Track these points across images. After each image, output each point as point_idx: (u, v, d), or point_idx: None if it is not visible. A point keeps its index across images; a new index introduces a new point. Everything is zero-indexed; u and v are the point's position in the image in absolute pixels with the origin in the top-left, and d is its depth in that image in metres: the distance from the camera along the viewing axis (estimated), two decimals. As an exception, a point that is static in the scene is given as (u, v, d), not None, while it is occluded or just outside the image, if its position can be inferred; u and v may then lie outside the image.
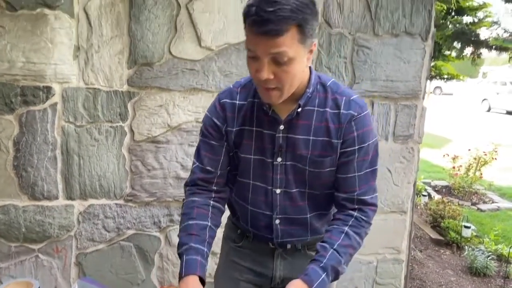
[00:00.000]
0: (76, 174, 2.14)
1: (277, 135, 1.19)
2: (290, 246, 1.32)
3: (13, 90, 2.01)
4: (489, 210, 5.20)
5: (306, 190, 1.25)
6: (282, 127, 1.19)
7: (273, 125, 1.20)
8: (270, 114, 1.18)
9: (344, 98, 1.18)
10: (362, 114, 1.18)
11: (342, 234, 1.18)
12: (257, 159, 1.23)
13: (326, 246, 1.16)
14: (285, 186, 1.24)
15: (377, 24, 2.26)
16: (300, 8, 0.98)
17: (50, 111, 2.06)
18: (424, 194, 5.19)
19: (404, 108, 2.35)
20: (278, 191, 1.25)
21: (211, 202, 1.26)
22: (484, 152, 5.61)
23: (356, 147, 1.18)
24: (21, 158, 2.08)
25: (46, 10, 1.98)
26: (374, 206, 1.24)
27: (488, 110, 17.92)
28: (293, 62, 1.03)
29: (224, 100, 1.24)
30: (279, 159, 1.21)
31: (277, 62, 1.03)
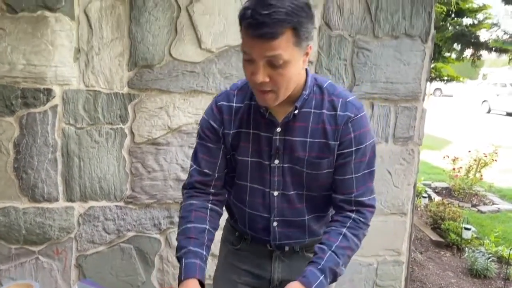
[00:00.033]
0: (76, 176, 2.14)
1: (274, 138, 1.19)
2: (288, 248, 1.32)
3: (13, 92, 2.01)
4: (489, 211, 5.20)
5: (304, 192, 1.25)
6: (279, 130, 1.19)
7: (270, 127, 1.20)
8: (267, 117, 1.18)
9: (340, 99, 1.18)
10: (358, 116, 1.18)
11: (340, 235, 1.17)
12: (254, 162, 1.23)
13: (324, 248, 1.16)
14: (282, 188, 1.24)
15: (377, 26, 2.26)
16: (295, 11, 0.99)
17: (50, 113, 2.06)
18: (424, 196, 5.18)
19: (404, 110, 2.35)
20: (275, 194, 1.25)
21: (209, 205, 1.25)
22: (484, 153, 5.61)
23: (353, 149, 1.18)
24: (21, 160, 2.08)
25: (47, 13, 1.98)
26: (372, 207, 1.25)
27: (488, 112, 17.93)
28: (288, 65, 1.03)
29: (221, 102, 1.24)
30: (277, 161, 1.21)
31: (272, 65, 1.03)
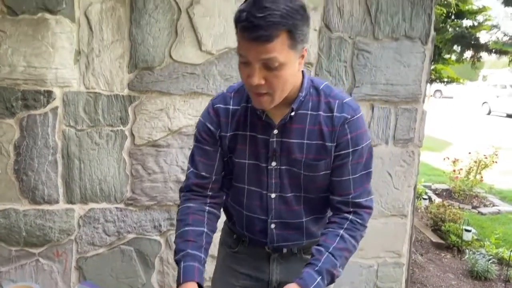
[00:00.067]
0: (76, 178, 2.14)
1: (271, 140, 1.19)
2: (286, 250, 1.32)
3: (14, 94, 2.01)
4: (489, 213, 5.20)
5: (302, 194, 1.25)
6: (275, 132, 1.19)
7: (266, 129, 1.20)
8: (263, 119, 1.18)
9: (337, 101, 1.18)
10: (355, 117, 1.18)
11: (337, 237, 1.17)
12: (251, 164, 1.23)
13: (321, 249, 1.16)
14: (280, 190, 1.24)
15: (377, 28, 2.26)
16: (290, 13, 0.99)
17: (51, 115, 2.07)
18: (424, 198, 5.18)
19: (404, 111, 2.36)
20: (273, 196, 1.24)
21: (207, 208, 1.25)
22: (484, 155, 5.61)
23: (350, 150, 1.18)
24: (21, 162, 2.08)
25: (47, 15, 1.99)
26: (369, 209, 1.24)
27: (488, 113, 17.94)
28: (284, 68, 1.03)
29: (217, 105, 1.24)
30: (274, 164, 1.21)
31: (268, 68, 1.03)
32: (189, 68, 2.15)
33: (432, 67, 4.50)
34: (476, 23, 5.63)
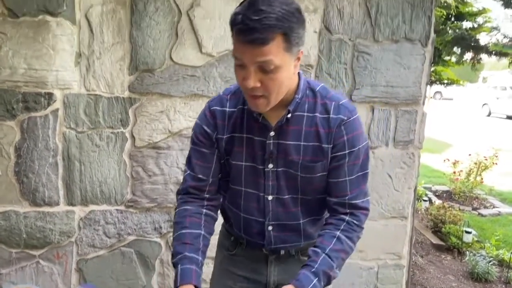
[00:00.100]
0: (77, 180, 2.14)
1: (267, 142, 1.19)
2: (283, 252, 1.32)
3: (14, 96, 2.02)
4: (490, 215, 5.19)
5: (299, 196, 1.25)
6: (272, 133, 1.19)
7: (263, 131, 1.20)
8: (260, 121, 1.18)
9: (333, 102, 1.18)
10: (351, 118, 1.18)
11: (334, 238, 1.17)
12: (248, 166, 1.23)
13: (317, 251, 1.16)
14: (277, 192, 1.24)
15: (377, 30, 2.27)
16: (285, 16, 0.99)
17: (51, 117, 2.07)
18: (424, 199, 5.17)
19: (404, 113, 2.36)
20: (270, 198, 1.24)
21: (204, 210, 1.25)
22: (484, 157, 5.61)
23: (346, 151, 1.18)
24: (22, 164, 2.08)
25: (48, 17, 1.99)
26: (366, 210, 1.24)
27: (488, 115, 17.95)
28: (279, 70, 1.04)
29: (214, 107, 1.24)
30: (271, 166, 1.21)
31: (263, 70, 1.03)
32: (189, 70, 2.15)
33: (432, 69, 4.49)
34: (476, 25, 5.63)
